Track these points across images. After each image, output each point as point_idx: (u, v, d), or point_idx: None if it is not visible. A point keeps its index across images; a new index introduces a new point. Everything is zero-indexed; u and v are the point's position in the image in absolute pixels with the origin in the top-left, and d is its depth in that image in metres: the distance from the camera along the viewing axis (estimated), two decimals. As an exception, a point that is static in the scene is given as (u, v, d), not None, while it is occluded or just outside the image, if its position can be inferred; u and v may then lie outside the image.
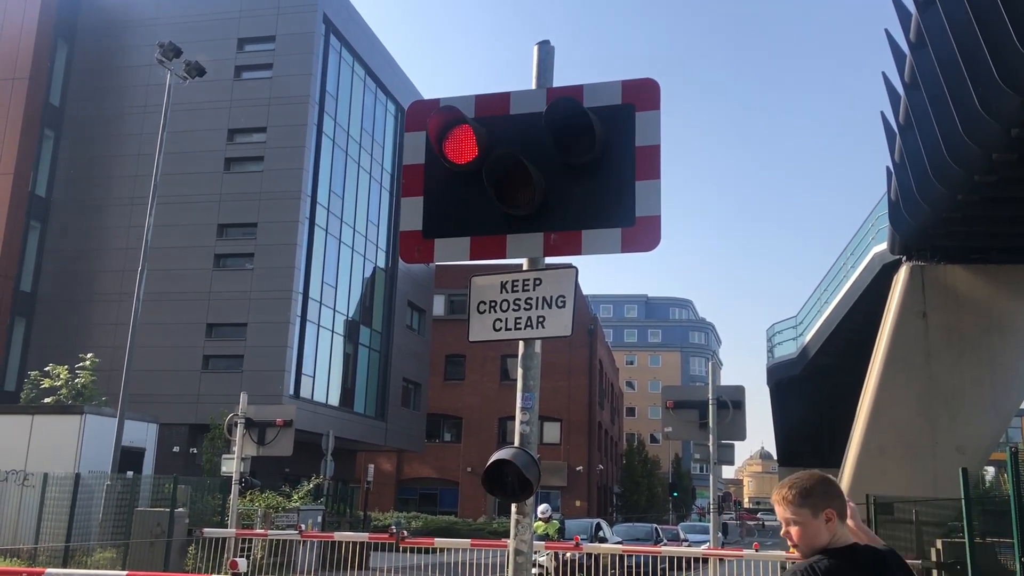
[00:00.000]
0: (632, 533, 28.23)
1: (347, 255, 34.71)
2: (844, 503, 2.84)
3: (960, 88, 13.46)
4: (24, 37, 32.37)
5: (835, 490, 2.84)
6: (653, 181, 4.24)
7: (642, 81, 4.37)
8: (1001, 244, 18.60)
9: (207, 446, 26.19)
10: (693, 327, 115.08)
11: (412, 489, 49.91)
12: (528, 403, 4.29)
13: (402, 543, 14.84)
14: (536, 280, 4.37)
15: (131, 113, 32.33)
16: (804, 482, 2.84)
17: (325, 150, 32.88)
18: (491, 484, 4.07)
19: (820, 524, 2.78)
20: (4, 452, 18.31)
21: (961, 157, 14.43)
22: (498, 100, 4.57)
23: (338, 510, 25.30)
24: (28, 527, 16.65)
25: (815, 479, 2.84)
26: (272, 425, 15.61)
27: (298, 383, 30.46)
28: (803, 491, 2.81)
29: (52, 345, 29.88)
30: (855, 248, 25.52)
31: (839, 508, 2.80)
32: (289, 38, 32.04)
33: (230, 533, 15.18)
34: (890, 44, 17.49)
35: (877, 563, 2.80)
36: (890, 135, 18.89)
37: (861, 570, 2.74)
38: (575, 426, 49.96)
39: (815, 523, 2.78)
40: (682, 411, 14.18)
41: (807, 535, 2.79)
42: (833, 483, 2.86)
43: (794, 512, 2.81)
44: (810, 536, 2.78)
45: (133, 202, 30.56)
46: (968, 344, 18.53)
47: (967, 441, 17.99)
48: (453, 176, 4.47)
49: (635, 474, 64.12)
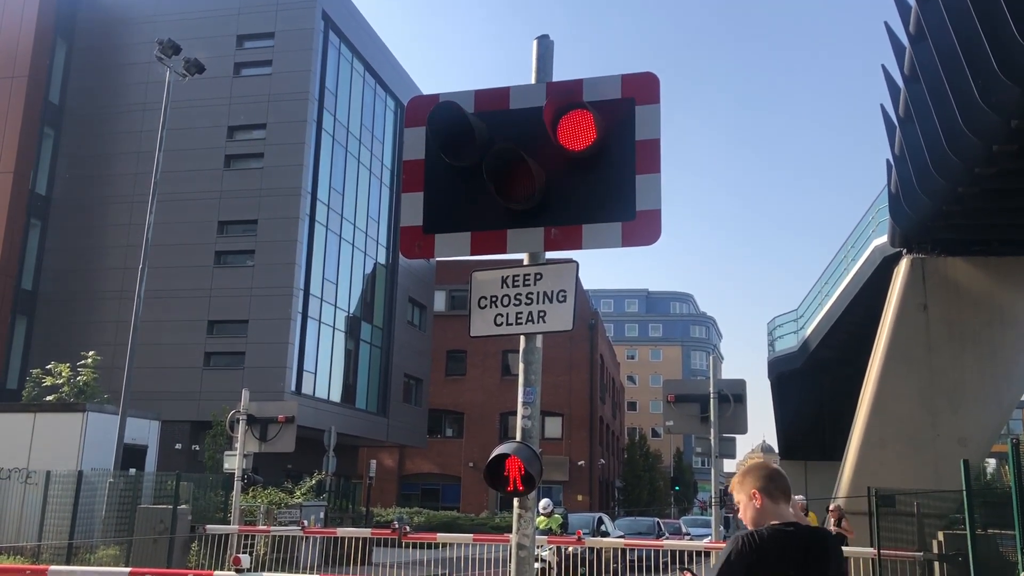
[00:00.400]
0: (634, 527, 28.28)
1: (347, 251, 34.72)
2: (777, 486, 3.14)
3: (960, 80, 13.45)
4: (23, 35, 32.34)
5: (767, 474, 3.17)
6: (653, 175, 4.24)
7: (642, 75, 4.37)
8: (1002, 236, 18.59)
9: (209, 443, 26.21)
10: (694, 321, 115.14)
11: (414, 485, 49.98)
12: (530, 398, 4.29)
13: (404, 538, 14.88)
14: (537, 275, 4.37)
15: (131, 110, 32.32)
16: (743, 470, 3.26)
17: (325, 146, 32.87)
18: (493, 479, 4.08)
19: (749, 502, 3.15)
20: (7, 450, 18.34)
21: (961, 149, 14.43)
22: (498, 95, 4.57)
23: (340, 506, 25.37)
24: (31, 525, 16.69)
25: (750, 466, 3.25)
26: (274, 421, 15.62)
27: (299, 379, 30.49)
28: (740, 477, 3.22)
29: (54, 343, 29.91)
30: (855, 241, 25.51)
31: (768, 490, 3.12)
32: (288, 34, 32.01)
33: (233, 529, 15.22)
34: (890, 37, 17.47)
35: (817, 541, 3.04)
36: (890, 128, 18.88)
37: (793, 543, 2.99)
38: (576, 421, 50.01)
39: (748, 503, 3.16)
40: (683, 405, 14.18)
41: (745, 513, 3.17)
42: (764, 468, 3.21)
43: (736, 495, 3.20)
44: (748, 514, 3.16)
45: (133, 200, 30.55)
46: (969, 336, 18.53)
47: (968, 433, 18.01)
48: (453, 171, 4.48)
49: (637, 468, 64.24)
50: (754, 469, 3.23)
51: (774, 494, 3.12)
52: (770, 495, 3.12)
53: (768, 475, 3.17)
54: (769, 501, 3.11)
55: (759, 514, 3.12)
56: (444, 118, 4.32)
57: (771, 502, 3.11)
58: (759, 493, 3.13)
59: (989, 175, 14.86)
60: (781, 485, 3.16)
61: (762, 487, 3.14)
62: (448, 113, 4.31)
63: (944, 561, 12.81)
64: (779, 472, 3.22)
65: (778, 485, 3.15)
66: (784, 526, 3.03)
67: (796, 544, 2.99)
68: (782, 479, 3.18)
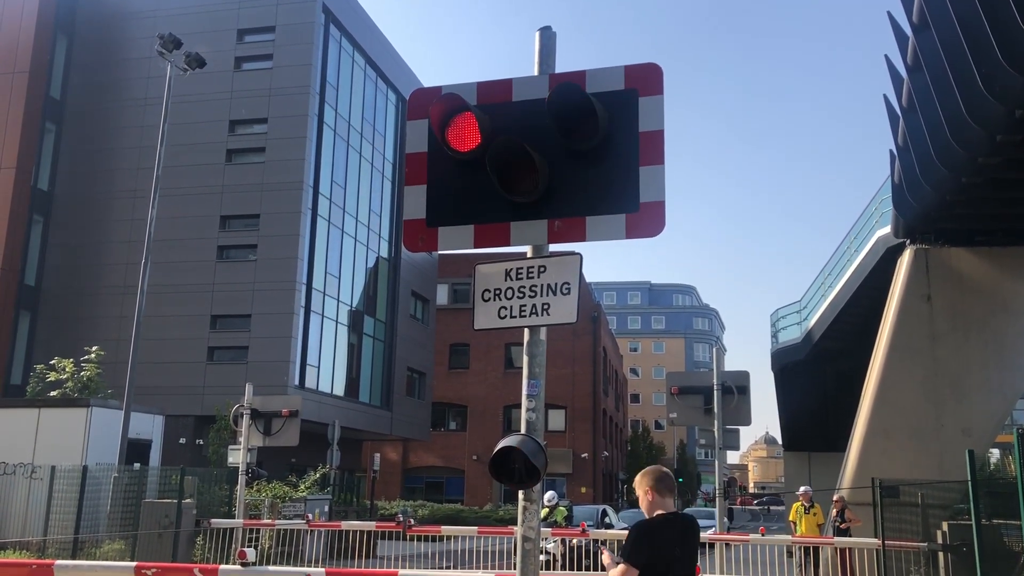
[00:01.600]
0: (638, 519, 28.29)
1: (350, 245, 34.71)
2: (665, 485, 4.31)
3: (963, 69, 13.39)
4: (24, 31, 32.31)
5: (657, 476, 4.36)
6: (657, 166, 4.22)
7: (645, 66, 4.35)
8: (1006, 226, 18.53)
9: (213, 437, 26.26)
10: (697, 313, 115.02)
11: (418, 478, 50.07)
12: (534, 390, 4.29)
13: (409, 531, 14.91)
14: (540, 267, 4.36)
15: (132, 106, 32.30)
16: (642, 472, 4.45)
17: (327, 140, 32.83)
18: (498, 471, 4.08)
19: (644, 497, 4.33)
20: (11, 446, 18.38)
21: (965, 139, 14.37)
22: (500, 87, 4.55)
23: (345, 499, 25.43)
24: (37, 520, 16.73)
25: (646, 470, 4.46)
26: (278, 416, 15.64)
27: (303, 373, 30.52)
28: (639, 477, 4.41)
29: (57, 339, 29.97)
30: (859, 232, 25.44)
31: (657, 488, 4.30)
32: (289, 28, 31.96)
33: (237, 523, 15.25)
34: (892, 26, 17.39)
35: (689, 524, 4.36)
36: (893, 118, 18.81)
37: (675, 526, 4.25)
38: (580, 413, 50.05)
39: (643, 497, 4.34)
40: (687, 397, 14.18)
41: (642, 503, 4.36)
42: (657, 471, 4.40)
43: (637, 491, 4.40)
44: (644, 505, 4.35)
45: (135, 195, 30.55)
46: (973, 327, 18.49)
47: (973, 424, 17.98)
48: (456, 164, 4.46)
49: (640, 460, 64.21)
50: (649, 472, 4.40)
51: (662, 491, 4.30)
52: (659, 492, 4.29)
53: (658, 477, 4.34)
54: (658, 496, 4.29)
55: (652, 505, 4.30)
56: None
57: (660, 497, 4.29)
58: (651, 490, 4.30)
59: (993, 165, 14.80)
60: (668, 484, 4.33)
61: (653, 486, 4.30)
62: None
63: (948, 551, 12.81)
64: (667, 474, 4.39)
65: (665, 484, 4.32)
66: (669, 515, 4.27)
67: (677, 527, 4.25)
68: (669, 479, 4.36)
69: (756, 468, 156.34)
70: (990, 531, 11.52)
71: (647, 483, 4.34)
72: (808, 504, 17.96)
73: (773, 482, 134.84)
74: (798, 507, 18.18)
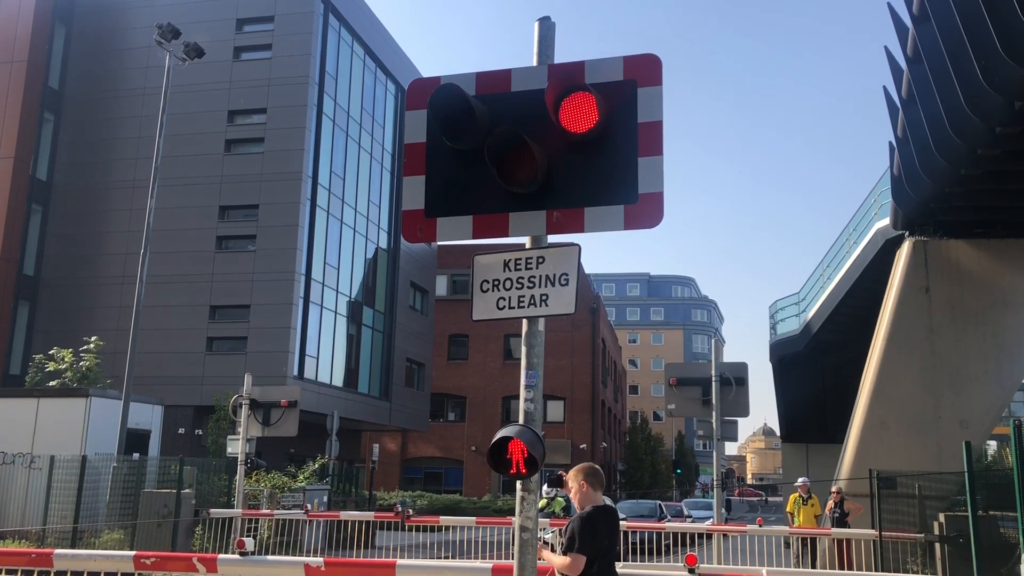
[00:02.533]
0: (636, 510, 28.37)
1: (349, 236, 34.69)
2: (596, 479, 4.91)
3: (963, 61, 13.37)
4: (22, 20, 32.21)
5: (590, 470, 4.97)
6: (656, 157, 4.23)
7: (644, 57, 4.35)
8: (1004, 218, 18.54)
9: (212, 427, 26.30)
10: (695, 305, 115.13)
11: (417, 468, 50.15)
12: (532, 381, 4.30)
13: (408, 522, 14.95)
14: (539, 258, 4.37)
15: (131, 95, 32.23)
16: (576, 467, 5.00)
17: (326, 131, 32.78)
18: (496, 462, 4.10)
19: (579, 489, 4.88)
20: (10, 435, 18.40)
21: (964, 131, 14.35)
22: (499, 77, 4.55)
23: (344, 490, 25.45)
24: (36, 509, 16.76)
25: (580, 466, 5.03)
26: (277, 406, 15.64)
27: (302, 364, 30.54)
28: (573, 472, 4.95)
29: (56, 328, 29.97)
30: (858, 224, 25.43)
31: (590, 482, 4.89)
32: (288, 18, 31.87)
33: (236, 513, 15.28)
34: (892, 18, 17.36)
35: (615, 515, 4.98)
36: (893, 109, 18.79)
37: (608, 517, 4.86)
38: (578, 404, 50.11)
39: (577, 489, 4.89)
40: (685, 388, 14.19)
41: (576, 497, 4.90)
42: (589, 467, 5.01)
43: (570, 484, 4.96)
44: (578, 497, 4.89)
45: (134, 185, 30.52)
46: (971, 319, 18.51)
47: (970, 415, 18.01)
48: (455, 155, 4.46)
49: (639, 452, 64.39)
50: (582, 468, 4.96)
51: (594, 484, 4.89)
52: (592, 485, 4.88)
53: (591, 472, 4.95)
54: (591, 489, 4.87)
55: (585, 497, 4.86)
56: (445, 100, 4.30)
57: (592, 490, 4.87)
58: (585, 483, 4.88)
59: (992, 157, 14.79)
60: (599, 479, 4.95)
61: (586, 479, 4.88)
62: (449, 95, 4.29)
63: (945, 542, 12.85)
64: (598, 470, 5.01)
65: (597, 479, 4.92)
66: (600, 506, 4.85)
67: (606, 516, 4.84)
68: (599, 475, 4.99)
69: (754, 459, 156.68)
70: (987, 522, 11.56)
71: (580, 477, 4.90)
72: (806, 495, 18.01)
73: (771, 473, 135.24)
74: (796, 498, 18.23)
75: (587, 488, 4.82)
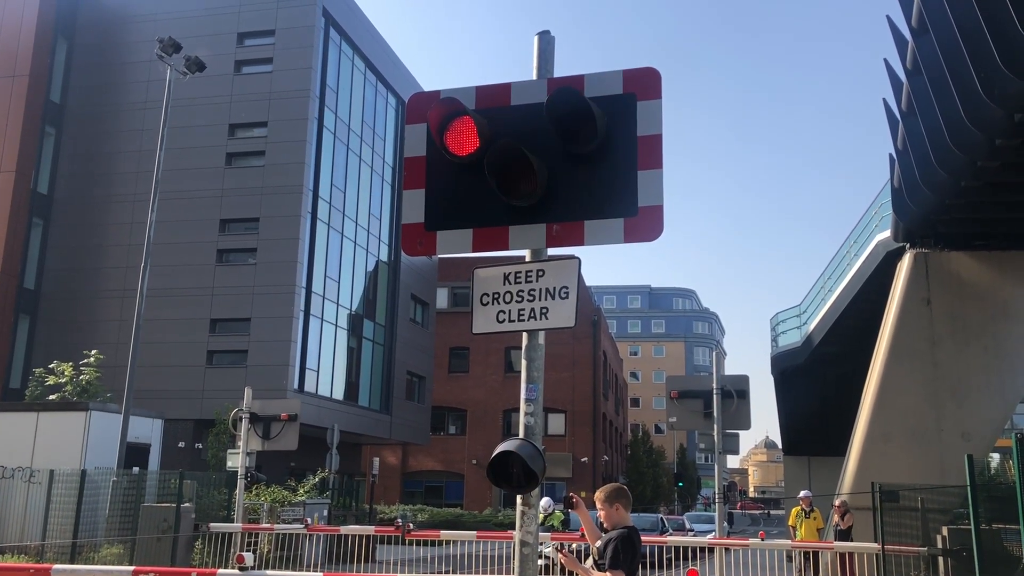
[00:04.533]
0: (637, 523, 28.15)
1: (349, 249, 34.71)
2: (628, 501, 5.20)
3: (962, 73, 13.40)
4: (24, 34, 32.33)
5: (622, 492, 5.22)
6: (655, 171, 4.22)
7: (643, 70, 4.35)
8: (1005, 230, 18.54)
9: (212, 441, 26.23)
10: (697, 317, 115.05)
11: (417, 482, 50.01)
12: (532, 394, 4.28)
13: (408, 536, 14.88)
14: (539, 271, 4.36)
15: (132, 109, 32.31)
16: (606, 488, 5.22)
17: (326, 144, 32.84)
18: (496, 476, 4.07)
19: (613, 511, 5.11)
20: (10, 449, 18.34)
21: (964, 143, 14.37)
22: (499, 91, 4.55)
23: (344, 503, 25.37)
24: (35, 524, 16.70)
25: (611, 487, 5.23)
26: (277, 419, 15.62)
27: (302, 377, 30.49)
28: (605, 494, 5.16)
29: (56, 342, 29.94)
30: (858, 236, 25.45)
31: (623, 503, 5.16)
32: (289, 32, 31.98)
33: (236, 528, 15.23)
34: (891, 30, 17.41)
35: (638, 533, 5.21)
36: (892, 121, 18.82)
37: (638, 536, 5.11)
38: (580, 417, 50.00)
39: (611, 511, 5.11)
40: (686, 401, 14.15)
41: (610, 518, 5.12)
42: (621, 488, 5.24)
43: (602, 506, 5.13)
44: (612, 518, 5.11)
45: (135, 198, 30.55)
46: (973, 331, 18.48)
47: (973, 428, 17.97)
48: (455, 168, 4.46)
49: (640, 464, 64.22)
50: (616, 489, 5.21)
51: (626, 505, 5.18)
52: (624, 506, 5.16)
53: (623, 493, 5.22)
54: (624, 510, 5.14)
55: (620, 518, 5.11)
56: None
57: (624, 510, 5.15)
58: (619, 505, 5.14)
59: (992, 169, 14.82)
60: (630, 499, 5.28)
61: (619, 500, 5.14)
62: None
63: (948, 556, 12.78)
64: (628, 491, 5.30)
65: (628, 500, 5.24)
66: (631, 527, 5.12)
67: (637, 536, 5.12)
68: (630, 495, 5.30)
69: (756, 472, 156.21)
70: (990, 536, 11.51)
71: (615, 498, 5.17)
72: (808, 509, 17.94)
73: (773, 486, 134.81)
74: (798, 511, 18.15)
75: (621, 509, 5.09)
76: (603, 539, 5.07)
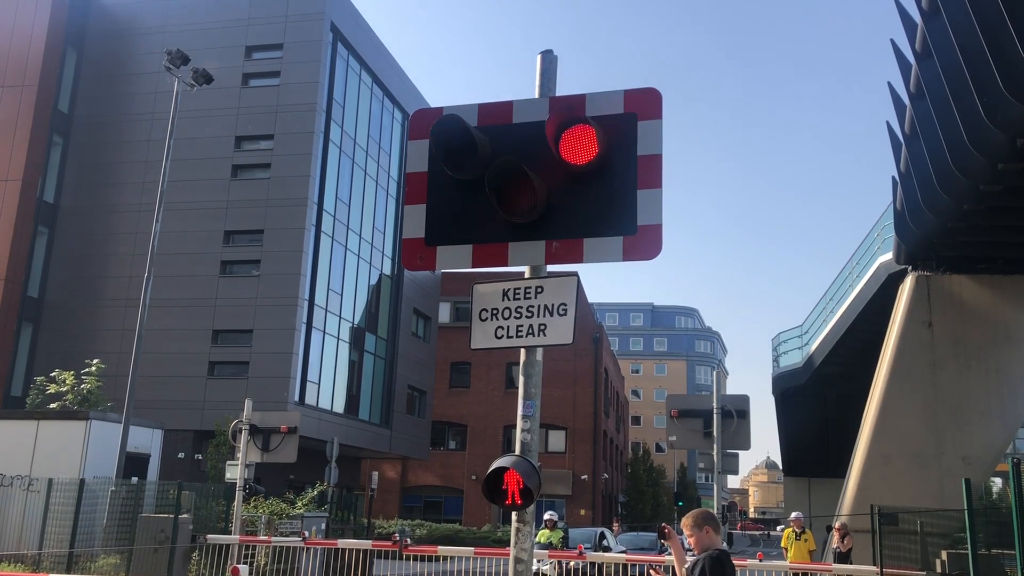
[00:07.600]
0: (636, 542, 28.18)
1: (353, 262, 34.76)
2: (717, 525, 5.26)
3: (965, 98, 13.46)
4: (34, 44, 32.55)
5: (711, 516, 5.30)
6: (655, 190, 4.25)
7: (644, 91, 4.39)
8: (1007, 254, 18.56)
9: (212, 452, 26.21)
10: (699, 336, 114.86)
11: (416, 497, 49.85)
12: (529, 411, 4.30)
13: (406, 551, 14.84)
14: (538, 288, 4.38)
15: (139, 120, 32.47)
16: (694, 513, 5.29)
17: (332, 157, 32.95)
18: (492, 492, 4.08)
19: (703, 535, 5.16)
20: (10, 457, 18.34)
21: (966, 167, 14.42)
22: (501, 109, 4.59)
23: (342, 517, 25.28)
24: (33, 532, 16.67)
25: (700, 511, 5.33)
26: (276, 432, 15.61)
27: (303, 390, 30.47)
28: (695, 519, 5.23)
29: (58, 350, 29.98)
30: (860, 258, 25.47)
31: (713, 527, 5.20)
32: (297, 46, 32.16)
33: (234, 539, 15.19)
34: (896, 54, 17.51)
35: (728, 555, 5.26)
36: (896, 145, 18.89)
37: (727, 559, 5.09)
38: (580, 434, 49.87)
39: (701, 534, 5.16)
40: (687, 420, 14.14)
41: (700, 541, 5.16)
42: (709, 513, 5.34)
43: (691, 531, 5.21)
44: (702, 541, 5.14)
45: (140, 208, 30.66)
46: (974, 354, 18.47)
47: (973, 451, 17.93)
48: (456, 184, 4.49)
49: (640, 483, 63.98)
50: (704, 514, 5.29)
51: (716, 529, 5.24)
52: (714, 529, 5.22)
53: (713, 517, 5.31)
54: (714, 533, 5.20)
55: (711, 540, 5.16)
56: (447, 131, 4.34)
57: (715, 533, 5.20)
58: (708, 528, 5.20)
59: (994, 193, 14.86)
60: (718, 523, 5.36)
61: (711, 525, 5.21)
62: (451, 126, 4.33)
63: (947, 580, 12.72)
64: (716, 516, 5.41)
65: (717, 524, 5.31)
66: (722, 549, 5.18)
67: (727, 558, 5.10)
68: (717, 520, 5.39)
69: (757, 493, 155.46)
70: (991, 561, 11.46)
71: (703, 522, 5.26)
72: (799, 530, 17.86)
73: (773, 507, 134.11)
74: (789, 533, 18.08)
75: (711, 532, 5.23)
76: (692, 561, 5.16)
